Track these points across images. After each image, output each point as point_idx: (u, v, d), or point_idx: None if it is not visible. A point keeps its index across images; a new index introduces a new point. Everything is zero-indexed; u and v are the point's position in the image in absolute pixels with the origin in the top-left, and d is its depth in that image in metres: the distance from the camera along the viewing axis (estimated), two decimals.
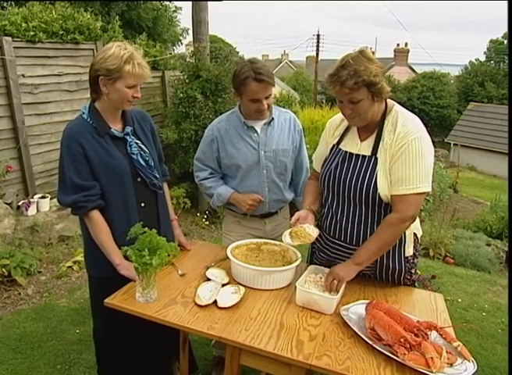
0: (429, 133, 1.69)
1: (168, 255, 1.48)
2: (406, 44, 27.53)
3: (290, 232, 1.74)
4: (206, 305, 1.55)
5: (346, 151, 1.77)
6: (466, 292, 3.90)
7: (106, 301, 1.56)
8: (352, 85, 1.55)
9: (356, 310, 1.59)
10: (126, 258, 1.53)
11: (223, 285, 1.70)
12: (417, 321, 1.47)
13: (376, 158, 1.68)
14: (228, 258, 1.80)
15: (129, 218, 1.71)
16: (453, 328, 1.54)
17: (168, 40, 8.17)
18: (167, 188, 2.00)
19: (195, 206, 5.47)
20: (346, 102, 1.63)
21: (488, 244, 5.05)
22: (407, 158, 1.60)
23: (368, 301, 1.60)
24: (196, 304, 1.57)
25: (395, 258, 1.77)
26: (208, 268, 1.86)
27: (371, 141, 1.71)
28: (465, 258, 4.64)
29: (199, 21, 5.08)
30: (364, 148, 1.73)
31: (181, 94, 4.91)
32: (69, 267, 3.69)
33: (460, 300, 3.66)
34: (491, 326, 3.29)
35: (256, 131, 2.08)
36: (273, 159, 2.10)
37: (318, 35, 24.46)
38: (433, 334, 1.44)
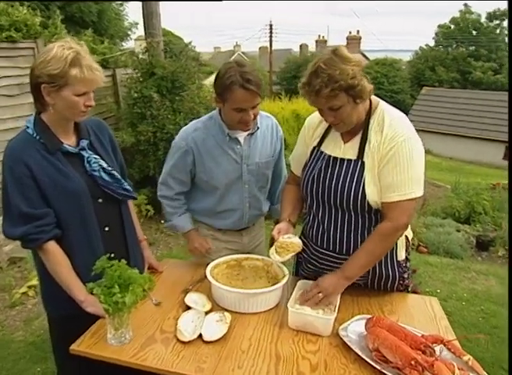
0: None
1: (144, 291, 1.29)
2: (358, 32, 28.12)
3: (275, 248, 1.61)
4: (190, 341, 1.39)
5: (329, 156, 1.65)
6: (443, 282, 3.95)
7: (72, 348, 1.35)
8: (328, 93, 1.42)
9: (354, 328, 1.50)
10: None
11: (206, 313, 1.54)
12: (422, 335, 1.40)
13: (363, 163, 1.56)
14: (206, 278, 1.65)
15: (91, 246, 1.51)
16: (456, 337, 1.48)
17: (116, 35, 7.78)
18: (132, 206, 1.80)
19: (158, 212, 5.22)
20: (326, 110, 1.51)
21: (458, 230, 5.17)
22: (398, 163, 1.49)
23: (365, 317, 1.52)
24: (178, 340, 1.40)
25: (387, 264, 1.68)
26: (185, 293, 1.69)
27: (355, 142, 1.60)
28: (438, 246, 4.72)
29: (150, 13, 4.80)
30: (348, 150, 1.61)
31: (135, 94, 4.65)
32: (23, 293, 3.36)
33: (438, 290, 3.70)
34: (472, 315, 3.33)
35: (239, 143, 1.87)
36: (255, 173, 1.92)
37: (271, 25, 24.42)
38: (439, 347, 1.36)
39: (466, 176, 10.65)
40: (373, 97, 1.60)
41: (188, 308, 1.58)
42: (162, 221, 5.13)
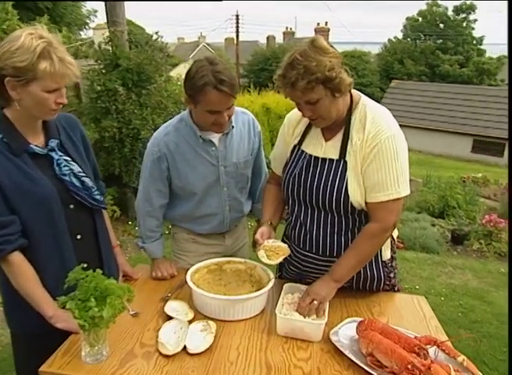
0: None
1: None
2: (326, 23, 28.36)
3: (265, 252, 1.58)
4: (174, 354, 1.33)
5: (310, 155, 1.62)
6: (421, 277, 4.05)
7: (42, 369, 1.26)
8: (304, 86, 1.39)
9: (345, 332, 1.49)
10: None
11: (189, 322, 1.48)
12: (415, 337, 1.40)
13: (345, 162, 1.54)
14: (186, 284, 1.60)
15: (62, 256, 1.41)
16: (448, 336, 1.50)
17: (73, 23, 7.47)
18: (106, 211, 1.71)
19: (125, 213, 5.10)
20: (303, 104, 1.48)
21: (433, 225, 5.31)
22: (382, 161, 1.47)
23: (356, 320, 1.51)
24: (161, 354, 1.34)
25: (372, 265, 1.68)
26: (165, 301, 1.63)
27: (337, 141, 1.57)
28: (414, 241, 4.83)
29: (113, 1, 4.61)
30: (329, 149, 1.59)
31: (98, 87, 4.49)
32: None
33: (417, 287, 3.79)
34: (451, 310, 3.43)
35: (214, 144, 1.80)
36: (234, 174, 1.87)
37: (237, 15, 24.30)
38: (434, 349, 1.37)
39: (436, 169, 11.01)
40: (354, 91, 1.58)
41: (169, 317, 1.52)
42: (130, 222, 5.01)
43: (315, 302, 1.49)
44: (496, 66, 25.74)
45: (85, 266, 1.28)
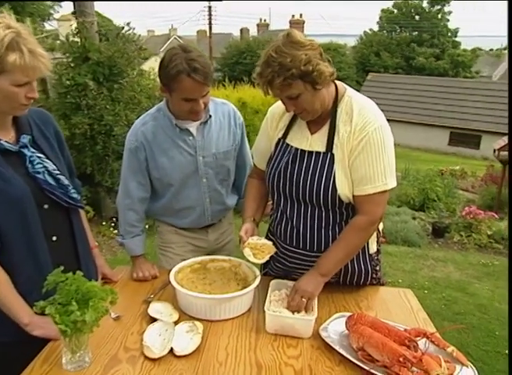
0: None
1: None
2: (301, 15, 28.52)
3: (251, 250, 1.59)
4: (160, 357, 1.31)
5: (296, 148, 1.63)
6: (404, 271, 4.13)
7: None
8: (281, 83, 1.40)
9: (335, 328, 1.50)
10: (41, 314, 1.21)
11: (174, 324, 1.47)
12: (405, 330, 1.43)
13: (332, 155, 1.55)
14: (169, 285, 1.60)
15: (36, 259, 1.37)
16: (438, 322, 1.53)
17: (36, 14, 7.25)
18: (83, 210, 1.67)
19: (98, 213, 5.01)
20: (285, 99, 1.49)
21: (414, 218, 5.43)
22: (370, 154, 1.49)
23: (344, 314, 1.53)
24: (147, 357, 1.32)
25: (359, 258, 1.70)
26: (147, 303, 1.61)
27: (323, 134, 1.58)
28: (395, 235, 4.93)
29: None
30: (315, 142, 1.60)
31: (67, 82, 4.38)
32: None
33: (400, 280, 3.87)
34: (434, 303, 3.51)
35: (191, 134, 1.81)
36: (214, 165, 1.87)
37: (210, 7, 24.14)
38: (424, 341, 1.40)
39: (413, 162, 11.25)
40: (339, 83, 1.59)
41: (153, 320, 1.50)
42: (104, 223, 4.93)
43: (304, 300, 1.50)
44: (470, 58, 26.47)
45: (62, 268, 1.25)
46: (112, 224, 4.91)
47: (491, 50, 34.89)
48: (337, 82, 1.58)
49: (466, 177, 12.23)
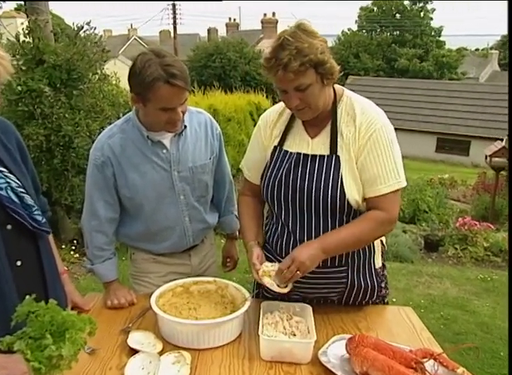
0: None
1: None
2: (273, 14, 28.93)
3: (272, 279, 1.57)
4: None
5: (297, 153, 1.66)
6: (397, 289, 4.20)
7: None
8: (298, 67, 1.45)
9: (334, 352, 1.52)
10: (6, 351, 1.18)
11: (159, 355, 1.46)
12: (410, 351, 1.45)
13: (338, 157, 1.60)
14: (149, 311, 1.59)
15: None
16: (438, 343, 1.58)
17: None
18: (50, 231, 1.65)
19: (57, 236, 4.91)
20: (292, 91, 1.52)
21: (405, 231, 5.53)
22: (380, 152, 1.57)
23: (344, 337, 1.55)
24: None
25: (365, 272, 1.73)
26: (126, 333, 1.60)
27: (324, 136, 1.64)
28: (386, 250, 5.00)
29: None
30: (317, 146, 1.65)
31: (19, 87, 4.30)
32: None
33: (394, 299, 3.92)
34: (432, 323, 3.58)
35: (165, 146, 1.80)
36: (190, 180, 1.87)
37: (174, 5, 24.27)
38: (432, 362, 1.43)
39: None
40: (336, 85, 1.66)
41: (134, 351, 1.48)
42: (63, 246, 4.83)
43: (298, 273, 1.50)
44: (456, 59, 27.41)
45: (34, 296, 1.23)
46: (73, 247, 4.82)
47: (477, 50, 36.28)
48: (334, 85, 1.65)
49: (456, 186, 12.53)
